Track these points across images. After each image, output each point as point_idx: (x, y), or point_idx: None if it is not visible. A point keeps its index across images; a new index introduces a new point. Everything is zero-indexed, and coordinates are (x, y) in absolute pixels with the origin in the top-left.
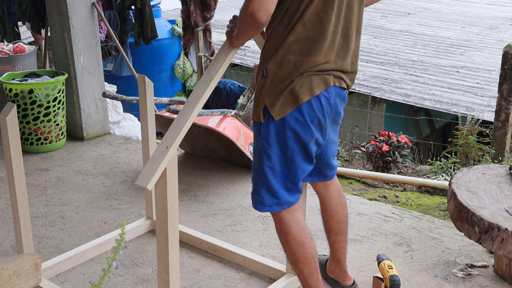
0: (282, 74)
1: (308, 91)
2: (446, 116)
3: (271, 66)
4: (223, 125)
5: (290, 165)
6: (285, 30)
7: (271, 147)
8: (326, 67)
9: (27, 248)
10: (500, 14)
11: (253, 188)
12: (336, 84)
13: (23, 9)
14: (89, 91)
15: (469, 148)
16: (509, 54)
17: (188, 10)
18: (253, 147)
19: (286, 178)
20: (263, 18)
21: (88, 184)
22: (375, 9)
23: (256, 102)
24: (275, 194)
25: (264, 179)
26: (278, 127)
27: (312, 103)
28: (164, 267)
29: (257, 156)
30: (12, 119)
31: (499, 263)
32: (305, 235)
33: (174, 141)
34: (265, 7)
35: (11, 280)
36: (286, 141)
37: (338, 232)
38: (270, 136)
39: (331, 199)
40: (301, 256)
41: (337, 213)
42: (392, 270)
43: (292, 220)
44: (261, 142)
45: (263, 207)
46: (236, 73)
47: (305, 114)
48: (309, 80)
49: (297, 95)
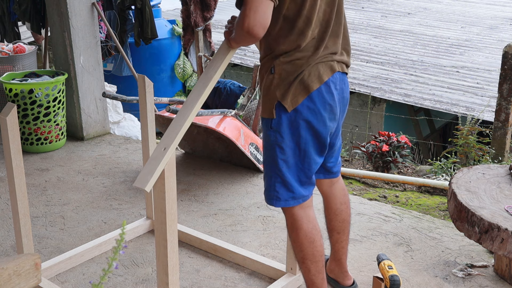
0: (290, 68)
1: (317, 79)
2: (446, 116)
3: (278, 63)
4: (223, 125)
5: (303, 156)
6: (290, 29)
7: (284, 139)
8: (330, 55)
9: (27, 248)
10: (500, 14)
11: (266, 184)
12: (339, 70)
13: (23, 9)
14: (89, 91)
15: (469, 148)
16: (509, 54)
17: (188, 10)
18: (263, 143)
19: (299, 171)
20: (260, 33)
21: (88, 184)
22: (375, 9)
23: (265, 99)
24: (290, 187)
25: (279, 173)
26: (290, 118)
27: (322, 90)
28: (163, 268)
29: (269, 150)
30: (12, 119)
31: (499, 263)
32: (316, 233)
33: (172, 142)
34: (260, 22)
35: (11, 280)
36: (299, 131)
37: (341, 231)
38: (283, 128)
39: (336, 197)
40: (310, 254)
41: (341, 212)
42: (392, 270)
43: (304, 217)
44: (274, 136)
45: (279, 202)
46: (236, 73)
47: (317, 102)
48: (316, 68)
49: (307, 83)
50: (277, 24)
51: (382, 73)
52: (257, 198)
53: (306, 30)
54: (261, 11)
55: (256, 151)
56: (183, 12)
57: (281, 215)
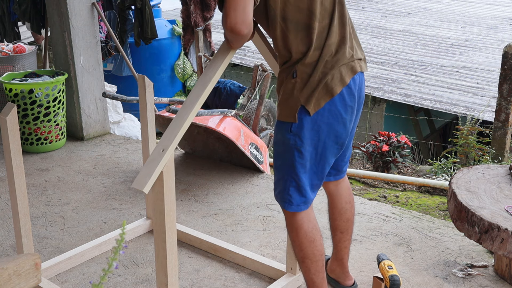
0: (310, 70)
1: (340, 82)
2: (446, 116)
3: (300, 68)
4: (223, 125)
5: (319, 160)
6: (307, 33)
7: (304, 143)
8: (350, 53)
9: (27, 248)
10: (500, 14)
11: (280, 187)
12: (359, 70)
13: (23, 9)
14: (89, 91)
15: (469, 148)
16: (509, 54)
17: (188, 10)
18: (279, 147)
19: (313, 174)
20: (243, 31)
21: (88, 184)
22: (375, 9)
23: (286, 103)
24: (304, 192)
25: (295, 177)
26: (312, 121)
27: (344, 92)
28: (163, 269)
29: (287, 153)
30: (12, 119)
31: (499, 263)
32: (316, 232)
33: (171, 143)
34: (243, 19)
35: (11, 280)
36: (319, 135)
37: (344, 230)
38: (303, 132)
39: (342, 197)
40: (310, 253)
41: (346, 212)
42: (392, 270)
43: (305, 216)
44: (293, 139)
45: (291, 206)
46: (236, 73)
47: (338, 105)
48: (339, 71)
49: (331, 87)
50: (277, 26)
51: (382, 73)
52: (257, 198)
53: (312, 23)
54: (240, 8)
55: (256, 151)
56: (183, 12)
57: (281, 215)
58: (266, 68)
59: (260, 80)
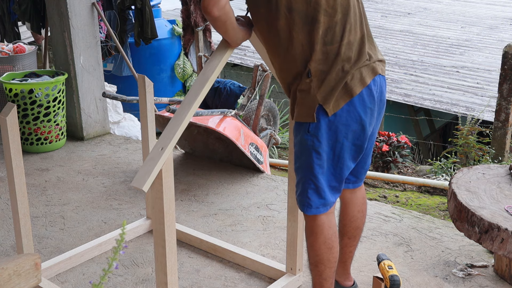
0: (326, 67)
1: (359, 82)
2: (446, 116)
3: (313, 65)
4: (223, 125)
5: (337, 161)
6: (312, 27)
7: (321, 143)
8: (369, 55)
9: (27, 248)
10: (500, 14)
11: (300, 189)
12: (380, 72)
13: (23, 9)
14: (89, 91)
15: (469, 148)
16: (509, 54)
17: (188, 10)
18: (297, 148)
19: (331, 176)
20: (214, 12)
21: (88, 184)
22: (375, 9)
23: (302, 103)
24: (323, 193)
25: (313, 178)
26: (330, 122)
27: (364, 94)
28: (162, 269)
29: (305, 154)
30: (12, 119)
31: (499, 263)
32: (335, 239)
33: (169, 142)
34: (215, 1)
35: (11, 280)
36: (337, 136)
37: (352, 237)
38: (321, 133)
39: (355, 205)
40: (326, 260)
41: (356, 220)
42: (392, 270)
43: (326, 222)
44: (311, 140)
45: (310, 209)
46: (236, 73)
47: (357, 106)
48: (359, 71)
49: (350, 87)
50: (281, 17)
51: None
52: (257, 198)
53: (319, 15)
54: None
55: (256, 151)
56: (183, 12)
57: (281, 215)
58: (266, 68)
59: (260, 80)
